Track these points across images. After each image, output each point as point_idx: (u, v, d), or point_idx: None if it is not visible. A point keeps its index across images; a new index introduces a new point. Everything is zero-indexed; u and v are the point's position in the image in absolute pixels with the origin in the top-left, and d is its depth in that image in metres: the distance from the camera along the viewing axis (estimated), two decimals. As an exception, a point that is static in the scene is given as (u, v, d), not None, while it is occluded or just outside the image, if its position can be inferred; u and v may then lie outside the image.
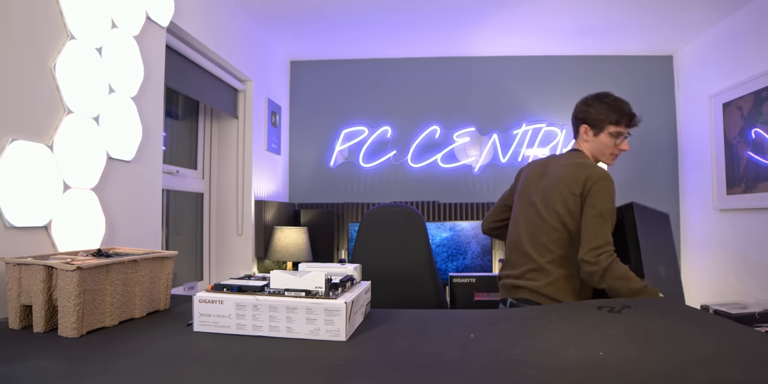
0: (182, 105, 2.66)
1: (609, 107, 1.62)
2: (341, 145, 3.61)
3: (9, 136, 1.16)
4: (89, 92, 1.43)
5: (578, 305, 1.22)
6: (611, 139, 1.62)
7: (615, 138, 1.62)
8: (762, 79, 2.55)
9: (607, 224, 1.47)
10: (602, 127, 1.62)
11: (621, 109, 1.62)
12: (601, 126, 1.63)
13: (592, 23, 2.95)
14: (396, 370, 0.73)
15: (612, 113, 1.61)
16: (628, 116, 1.62)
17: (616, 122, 1.61)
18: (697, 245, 3.24)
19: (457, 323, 1.03)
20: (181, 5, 2.01)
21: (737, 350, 0.81)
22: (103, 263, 0.98)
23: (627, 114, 1.62)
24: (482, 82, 3.59)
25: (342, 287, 0.97)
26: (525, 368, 0.73)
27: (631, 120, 1.63)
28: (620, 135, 1.62)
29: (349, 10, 2.80)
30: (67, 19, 1.33)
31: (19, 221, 1.17)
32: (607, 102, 1.63)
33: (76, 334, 0.91)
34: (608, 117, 1.61)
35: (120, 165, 1.59)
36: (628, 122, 1.62)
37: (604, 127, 1.62)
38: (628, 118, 1.62)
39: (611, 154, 1.64)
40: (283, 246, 2.86)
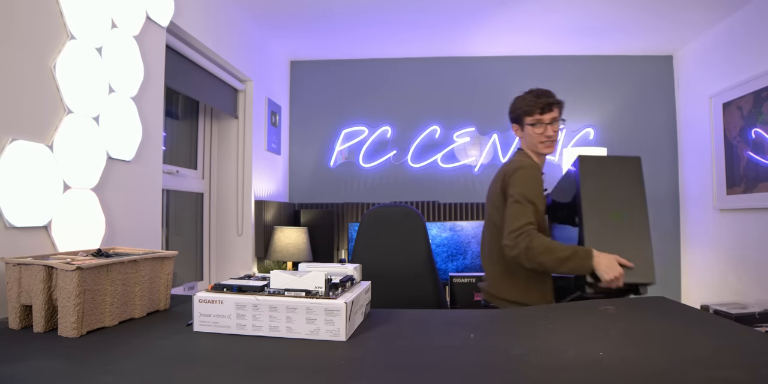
0: (182, 105, 2.66)
1: (521, 102, 1.70)
2: (341, 145, 3.61)
3: (9, 136, 1.16)
4: (89, 92, 1.43)
5: (578, 305, 1.22)
6: (534, 129, 1.67)
7: (535, 127, 1.67)
8: (762, 79, 2.55)
9: (525, 207, 1.54)
10: (522, 122, 1.70)
11: (530, 100, 1.67)
12: (521, 121, 1.71)
13: (592, 23, 2.95)
14: (396, 370, 0.73)
15: (523, 106, 1.68)
16: (538, 105, 1.65)
17: (529, 113, 1.67)
18: (697, 245, 3.24)
19: (457, 323, 1.03)
20: (181, 5, 2.01)
21: (737, 350, 0.81)
22: (103, 263, 0.98)
23: (537, 103, 1.65)
24: (482, 82, 3.59)
25: (342, 287, 0.97)
26: (525, 368, 0.73)
27: (544, 107, 1.65)
28: (539, 123, 1.66)
29: (349, 10, 2.80)
30: (67, 19, 1.33)
31: (19, 221, 1.17)
32: (521, 97, 1.71)
33: (76, 334, 0.91)
34: (521, 111, 1.69)
35: (120, 165, 1.59)
36: (540, 110, 1.65)
37: (522, 120, 1.70)
38: (540, 107, 1.65)
39: (541, 142, 1.67)
40: (283, 246, 2.86)
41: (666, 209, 3.45)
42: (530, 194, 1.56)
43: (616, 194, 1.52)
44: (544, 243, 1.47)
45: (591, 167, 1.55)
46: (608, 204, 1.51)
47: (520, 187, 1.58)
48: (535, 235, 1.49)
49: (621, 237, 1.47)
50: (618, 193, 1.52)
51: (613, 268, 1.39)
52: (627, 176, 1.53)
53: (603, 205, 1.51)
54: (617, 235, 1.47)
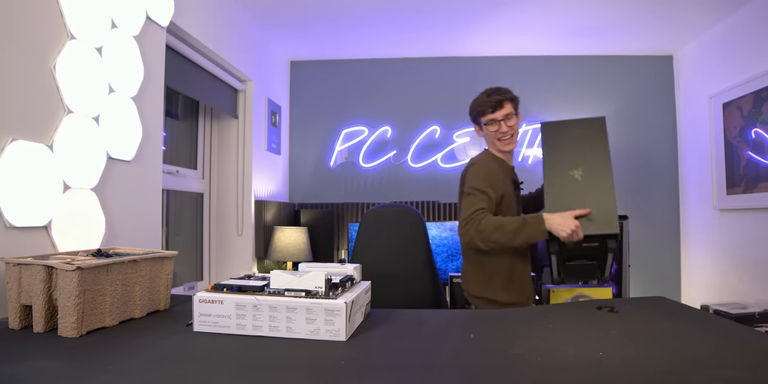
0: (182, 105, 2.66)
1: (475, 103, 1.74)
2: (341, 145, 3.61)
3: (9, 136, 1.16)
4: (89, 92, 1.43)
5: (578, 305, 1.22)
6: (489, 128, 1.71)
7: (490, 126, 1.70)
8: (762, 79, 2.55)
9: (474, 197, 1.59)
10: (479, 122, 1.74)
11: (482, 100, 1.71)
12: (478, 121, 1.75)
13: (592, 23, 2.95)
14: (396, 370, 0.73)
15: (476, 108, 1.73)
16: (489, 103, 1.68)
17: (482, 113, 1.70)
18: (697, 245, 3.24)
19: (457, 323, 1.03)
20: (181, 5, 2.01)
21: (737, 350, 0.81)
22: (103, 263, 0.98)
23: (487, 102, 1.68)
24: (482, 82, 3.54)
25: (342, 287, 0.97)
26: (525, 368, 0.73)
27: (495, 106, 1.68)
28: (494, 122, 1.69)
29: (349, 11, 2.80)
30: (67, 19, 1.33)
31: (19, 221, 1.17)
32: (475, 98, 1.75)
33: (76, 334, 0.91)
34: (476, 112, 1.73)
35: (120, 165, 1.59)
36: (492, 109, 1.68)
37: (479, 121, 1.74)
38: (490, 106, 1.68)
39: (498, 139, 1.70)
40: (283, 246, 2.86)
41: (666, 209, 3.45)
42: (479, 184, 1.60)
43: (579, 153, 1.53)
44: (493, 221, 1.51)
45: (553, 131, 1.59)
46: (570, 162, 1.52)
47: (470, 181, 1.64)
48: (482, 217, 1.53)
49: (583, 192, 1.49)
50: (581, 152, 1.53)
51: (566, 223, 1.42)
52: (590, 136, 1.54)
53: (564, 163, 1.53)
54: (579, 191, 1.49)
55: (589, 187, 1.49)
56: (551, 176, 1.54)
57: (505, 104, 1.68)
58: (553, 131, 1.60)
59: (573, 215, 1.44)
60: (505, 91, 1.72)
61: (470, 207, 1.57)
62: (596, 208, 1.45)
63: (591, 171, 1.50)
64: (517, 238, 1.49)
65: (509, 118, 1.69)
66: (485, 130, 1.72)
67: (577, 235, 1.42)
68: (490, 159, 1.72)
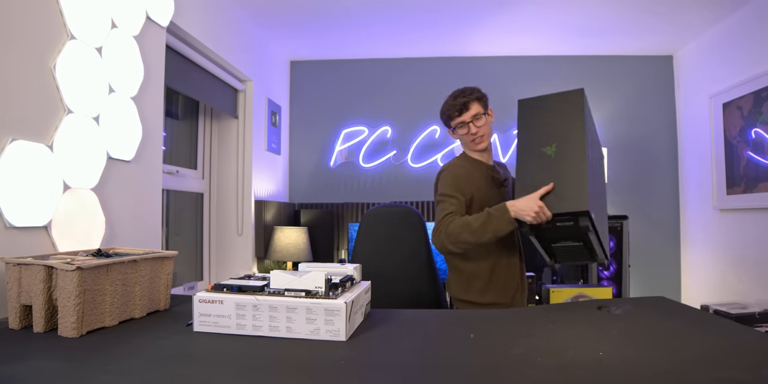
0: (182, 105, 2.66)
1: (443, 107, 1.71)
2: (341, 145, 3.61)
3: (9, 136, 1.16)
4: (89, 92, 1.43)
5: (578, 305, 1.22)
6: (460, 131, 1.68)
7: (461, 129, 1.68)
8: (762, 79, 2.55)
9: (444, 203, 1.59)
10: (450, 126, 1.72)
11: (449, 104, 1.68)
12: (449, 126, 1.72)
13: (593, 24, 2.95)
14: (396, 370, 0.73)
15: (444, 112, 1.70)
16: (455, 107, 1.65)
17: (450, 117, 1.68)
18: (697, 245, 3.24)
19: (457, 323, 1.03)
20: (181, 5, 2.01)
21: (737, 350, 0.81)
22: (103, 263, 0.98)
23: (454, 106, 1.66)
24: (482, 82, 3.55)
25: (342, 287, 0.97)
26: (525, 368, 0.73)
27: (462, 109, 1.65)
28: (463, 124, 1.66)
29: (349, 11, 2.80)
30: (67, 19, 1.33)
31: (19, 221, 1.17)
32: (444, 103, 1.72)
33: (76, 334, 0.91)
34: (445, 116, 1.71)
35: (120, 165, 1.59)
36: (459, 112, 1.66)
37: (449, 125, 1.71)
38: (457, 109, 1.65)
39: (471, 141, 1.69)
40: (283, 246, 2.86)
41: (666, 209, 3.45)
42: (447, 189, 1.60)
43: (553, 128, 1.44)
44: (459, 222, 1.50)
45: (528, 108, 1.52)
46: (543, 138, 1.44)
47: (439, 188, 1.65)
48: (450, 220, 1.52)
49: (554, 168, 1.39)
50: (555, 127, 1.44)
51: (528, 207, 1.37)
52: (566, 110, 1.44)
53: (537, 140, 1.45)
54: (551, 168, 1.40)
55: (561, 163, 1.39)
56: (523, 155, 1.45)
57: (471, 105, 1.65)
58: (527, 108, 1.52)
59: (538, 196, 1.38)
60: (470, 92, 1.69)
61: (440, 214, 1.57)
62: (566, 184, 1.36)
63: (564, 146, 1.40)
64: (485, 234, 1.45)
65: (478, 119, 1.66)
66: (458, 133, 1.70)
67: (544, 215, 1.36)
68: (462, 163, 1.71)
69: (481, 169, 1.70)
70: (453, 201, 1.57)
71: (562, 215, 1.36)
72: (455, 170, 1.67)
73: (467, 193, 1.61)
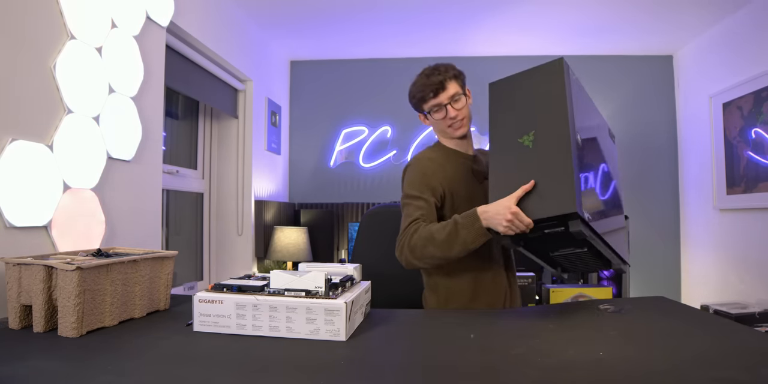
0: (182, 105, 2.66)
1: (413, 87, 1.43)
2: (341, 145, 3.61)
3: (9, 136, 1.16)
4: (89, 92, 1.43)
5: (578, 305, 1.22)
6: (436, 115, 1.41)
7: (436, 112, 1.40)
8: (762, 79, 2.55)
9: (408, 207, 1.33)
10: (422, 110, 1.43)
11: (418, 84, 1.41)
12: (421, 109, 1.44)
13: (592, 23, 2.95)
14: (396, 370, 0.73)
15: (416, 94, 1.42)
16: (429, 88, 1.38)
17: (423, 99, 1.40)
18: (697, 245, 3.24)
19: (457, 323, 1.03)
20: (181, 5, 2.01)
21: (737, 350, 0.81)
22: (103, 263, 0.98)
23: (427, 85, 1.38)
24: (482, 82, 3.57)
25: (342, 287, 0.97)
26: (525, 368, 0.73)
27: (437, 89, 1.38)
28: (440, 107, 1.39)
29: (349, 11, 2.80)
30: (67, 19, 1.33)
31: (19, 221, 1.17)
32: (414, 82, 1.44)
33: (76, 334, 0.91)
34: (416, 98, 1.42)
35: (120, 165, 1.59)
36: (434, 93, 1.38)
37: (422, 109, 1.43)
38: (431, 90, 1.38)
39: (448, 126, 1.42)
40: (283, 246, 2.86)
41: (666, 209, 3.45)
42: (412, 189, 1.35)
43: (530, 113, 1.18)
44: (422, 234, 1.23)
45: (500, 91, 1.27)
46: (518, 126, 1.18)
47: (403, 188, 1.40)
48: (414, 230, 1.26)
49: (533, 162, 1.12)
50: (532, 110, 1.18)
51: (500, 213, 1.09)
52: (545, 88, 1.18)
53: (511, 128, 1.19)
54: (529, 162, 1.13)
55: (541, 155, 1.12)
56: (495, 149, 1.20)
57: (448, 84, 1.38)
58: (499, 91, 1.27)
59: (514, 199, 1.09)
60: (445, 69, 1.41)
61: (403, 221, 1.32)
62: (548, 180, 1.08)
63: (545, 133, 1.13)
64: (452, 248, 1.19)
65: (456, 100, 1.39)
66: (432, 118, 1.42)
67: (521, 223, 1.07)
68: (432, 154, 1.45)
69: (457, 161, 1.44)
70: (419, 203, 1.32)
71: (547, 220, 1.07)
72: (422, 164, 1.40)
73: (438, 192, 1.36)
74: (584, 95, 1.26)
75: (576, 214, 1.03)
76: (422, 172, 1.38)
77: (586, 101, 1.27)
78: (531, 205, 1.09)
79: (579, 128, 1.13)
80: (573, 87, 1.16)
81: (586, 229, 1.06)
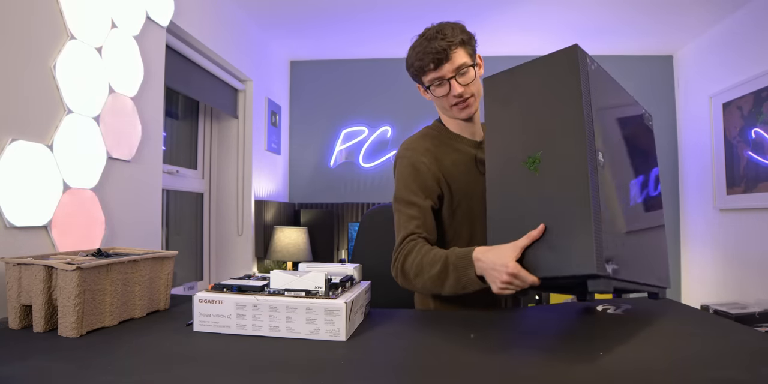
0: (182, 105, 2.66)
1: (411, 52, 1.20)
2: (341, 145, 3.61)
3: (9, 136, 1.16)
4: (89, 92, 1.43)
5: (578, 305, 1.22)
6: (437, 90, 1.18)
7: (439, 87, 1.17)
8: (762, 79, 2.55)
9: (400, 214, 1.16)
10: (423, 82, 1.20)
11: (419, 50, 1.16)
12: (421, 81, 1.20)
13: (593, 24, 2.95)
14: (396, 370, 0.73)
15: (413, 63, 1.18)
16: (430, 57, 1.14)
17: (423, 70, 1.17)
18: (697, 245, 3.24)
19: (457, 323, 1.03)
20: (181, 5, 2.01)
21: (737, 350, 0.80)
22: (103, 263, 0.98)
23: (427, 54, 1.14)
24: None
25: (342, 287, 0.97)
26: (525, 368, 0.73)
27: (440, 59, 1.13)
28: (441, 81, 1.16)
29: (349, 11, 2.80)
30: (67, 19, 1.33)
31: (19, 221, 1.17)
32: (412, 46, 1.20)
33: (76, 334, 0.91)
34: (414, 68, 1.19)
35: (120, 165, 1.59)
36: (435, 64, 1.14)
37: (421, 81, 1.20)
38: (433, 60, 1.14)
39: (451, 105, 1.19)
40: (283, 246, 2.86)
41: (666, 209, 3.45)
42: (403, 192, 1.17)
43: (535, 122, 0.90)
44: (415, 260, 1.07)
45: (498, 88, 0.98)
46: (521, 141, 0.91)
47: (395, 189, 1.20)
48: (407, 251, 1.10)
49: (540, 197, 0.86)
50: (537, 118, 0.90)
51: (496, 271, 0.90)
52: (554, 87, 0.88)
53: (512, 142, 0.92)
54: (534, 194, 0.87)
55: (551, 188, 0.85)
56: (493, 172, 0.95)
57: (454, 53, 1.14)
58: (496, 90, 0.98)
59: (518, 250, 0.88)
60: (452, 31, 1.16)
61: (397, 233, 1.15)
62: (561, 225, 0.83)
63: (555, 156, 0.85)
64: (444, 287, 1.02)
65: (463, 73, 1.15)
66: (433, 93, 1.19)
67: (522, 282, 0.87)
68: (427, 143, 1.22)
69: (458, 149, 1.22)
70: (412, 212, 1.13)
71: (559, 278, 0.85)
72: (415, 159, 1.18)
73: (434, 192, 1.16)
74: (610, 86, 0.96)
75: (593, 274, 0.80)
76: (415, 169, 1.17)
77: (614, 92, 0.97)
78: (539, 259, 0.86)
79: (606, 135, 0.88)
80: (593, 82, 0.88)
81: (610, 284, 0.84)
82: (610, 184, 0.87)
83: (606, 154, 0.86)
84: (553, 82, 0.89)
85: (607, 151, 0.87)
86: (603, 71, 0.93)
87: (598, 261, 0.78)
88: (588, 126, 0.82)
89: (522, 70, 0.95)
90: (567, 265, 0.82)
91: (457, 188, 1.19)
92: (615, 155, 0.91)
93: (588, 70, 0.87)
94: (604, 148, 0.85)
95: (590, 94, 0.85)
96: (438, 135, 1.25)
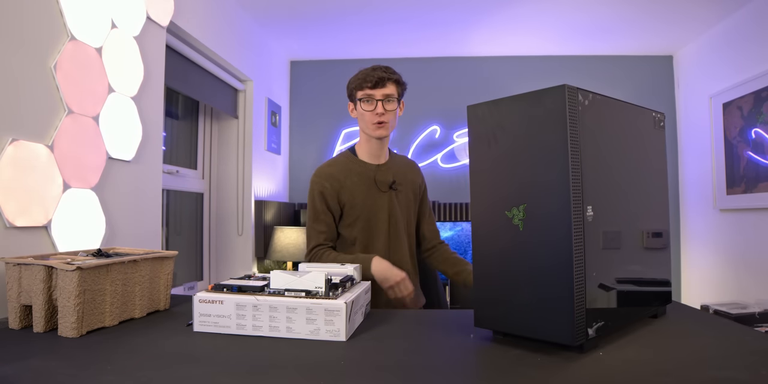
0: (182, 105, 2.66)
1: (354, 76, 1.49)
2: (341, 145, 3.61)
3: (9, 136, 1.16)
4: (89, 92, 1.43)
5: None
6: (364, 106, 1.45)
7: (366, 103, 1.44)
8: (762, 79, 2.55)
9: (311, 230, 1.46)
10: (354, 97, 1.49)
11: (363, 73, 1.46)
12: (353, 97, 1.49)
13: (593, 23, 2.95)
14: (396, 370, 0.73)
15: (355, 80, 1.48)
16: (370, 79, 1.42)
17: (360, 87, 1.45)
18: (697, 245, 3.24)
19: (457, 323, 1.03)
20: (181, 5, 2.01)
21: (737, 350, 0.81)
22: (103, 263, 0.98)
23: (369, 76, 1.43)
24: (482, 82, 3.59)
25: (342, 287, 0.97)
26: (525, 368, 0.73)
27: (377, 82, 1.42)
28: (370, 99, 1.43)
29: (349, 10, 2.80)
30: (67, 19, 1.33)
31: (19, 221, 1.17)
32: (357, 72, 1.50)
33: (76, 334, 0.91)
34: (353, 85, 1.48)
35: (120, 165, 1.59)
36: (372, 85, 1.42)
37: (354, 96, 1.48)
38: (372, 81, 1.42)
39: (371, 122, 1.44)
40: (283, 246, 2.86)
41: (666, 209, 3.45)
42: (311, 212, 1.48)
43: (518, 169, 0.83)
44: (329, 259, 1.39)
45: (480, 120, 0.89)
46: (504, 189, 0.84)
47: (307, 208, 1.52)
48: (320, 255, 1.42)
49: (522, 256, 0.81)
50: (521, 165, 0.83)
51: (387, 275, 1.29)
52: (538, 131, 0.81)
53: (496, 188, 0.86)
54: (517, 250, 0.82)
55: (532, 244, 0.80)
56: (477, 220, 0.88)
57: (389, 84, 1.44)
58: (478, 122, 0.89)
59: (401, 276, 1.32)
60: (393, 72, 1.47)
61: (308, 244, 1.46)
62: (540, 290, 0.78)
63: (538, 211, 0.79)
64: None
65: (389, 101, 1.44)
66: (359, 109, 1.46)
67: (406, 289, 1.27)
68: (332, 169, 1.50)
69: (359, 173, 1.49)
70: (321, 228, 1.45)
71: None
72: (321, 185, 1.47)
73: (336, 210, 1.47)
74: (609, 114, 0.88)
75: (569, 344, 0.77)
76: (320, 192, 1.47)
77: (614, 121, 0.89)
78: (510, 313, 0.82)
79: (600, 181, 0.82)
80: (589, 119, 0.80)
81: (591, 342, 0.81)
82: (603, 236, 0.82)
83: (598, 204, 0.81)
84: (537, 128, 0.81)
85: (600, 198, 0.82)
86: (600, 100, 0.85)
87: (575, 333, 0.75)
88: (575, 181, 0.77)
89: (507, 105, 0.86)
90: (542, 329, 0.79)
91: (359, 202, 1.46)
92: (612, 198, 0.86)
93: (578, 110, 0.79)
94: (595, 198, 0.80)
95: (580, 140, 0.78)
96: (344, 160, 1.52)
